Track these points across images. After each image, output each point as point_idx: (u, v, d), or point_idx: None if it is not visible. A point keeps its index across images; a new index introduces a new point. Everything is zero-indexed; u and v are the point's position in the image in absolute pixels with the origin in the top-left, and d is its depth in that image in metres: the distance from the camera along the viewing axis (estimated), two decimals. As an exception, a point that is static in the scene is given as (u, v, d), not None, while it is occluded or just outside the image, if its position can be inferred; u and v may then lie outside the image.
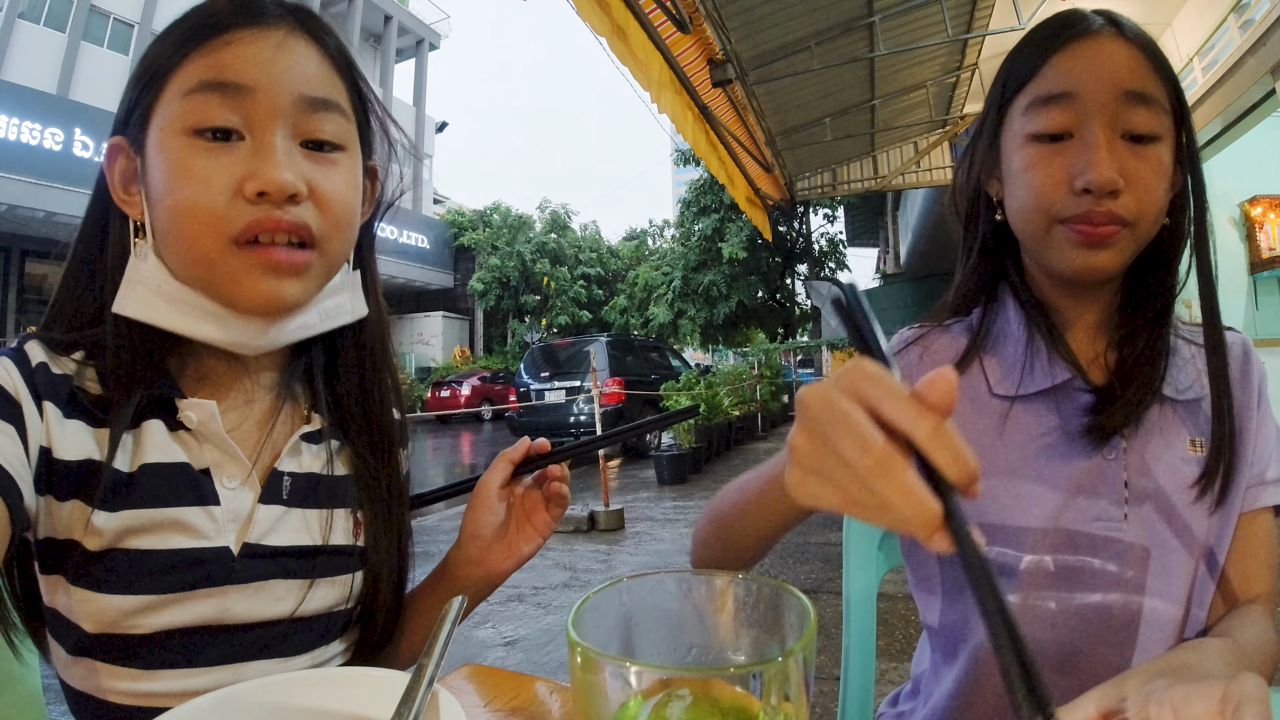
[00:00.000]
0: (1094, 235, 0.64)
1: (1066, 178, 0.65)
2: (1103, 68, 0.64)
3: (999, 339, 0.75)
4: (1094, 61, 0.65)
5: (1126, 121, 0.64)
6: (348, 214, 0.64)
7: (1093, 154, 0.63)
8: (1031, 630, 0.67)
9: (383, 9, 26.89)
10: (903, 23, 6.88)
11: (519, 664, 2.90)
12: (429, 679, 0.45)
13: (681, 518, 5.61)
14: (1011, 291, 0.76)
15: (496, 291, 26.11)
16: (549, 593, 3.82)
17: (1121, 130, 0.64)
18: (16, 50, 16.49)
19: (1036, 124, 0.67)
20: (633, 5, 4.32)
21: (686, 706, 0.31)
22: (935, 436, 0.35)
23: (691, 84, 5.73)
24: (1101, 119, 0.64)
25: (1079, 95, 0.65)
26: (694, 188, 21.51)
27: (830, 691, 2.29)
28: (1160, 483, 0.67)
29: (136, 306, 0.60)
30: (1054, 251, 0.67)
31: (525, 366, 10.65)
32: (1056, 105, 0.66)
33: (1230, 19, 6.96)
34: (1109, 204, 0.63)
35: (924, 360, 0.76)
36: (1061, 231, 0.66)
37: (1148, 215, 0.65)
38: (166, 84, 0.59)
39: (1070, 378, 0.69)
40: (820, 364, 19.32)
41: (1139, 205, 0.64)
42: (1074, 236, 0.65)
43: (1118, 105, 0.64)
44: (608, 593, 0.38)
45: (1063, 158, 0.66)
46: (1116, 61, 0.64)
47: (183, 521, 0.59)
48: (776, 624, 0.37)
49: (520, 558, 0.75)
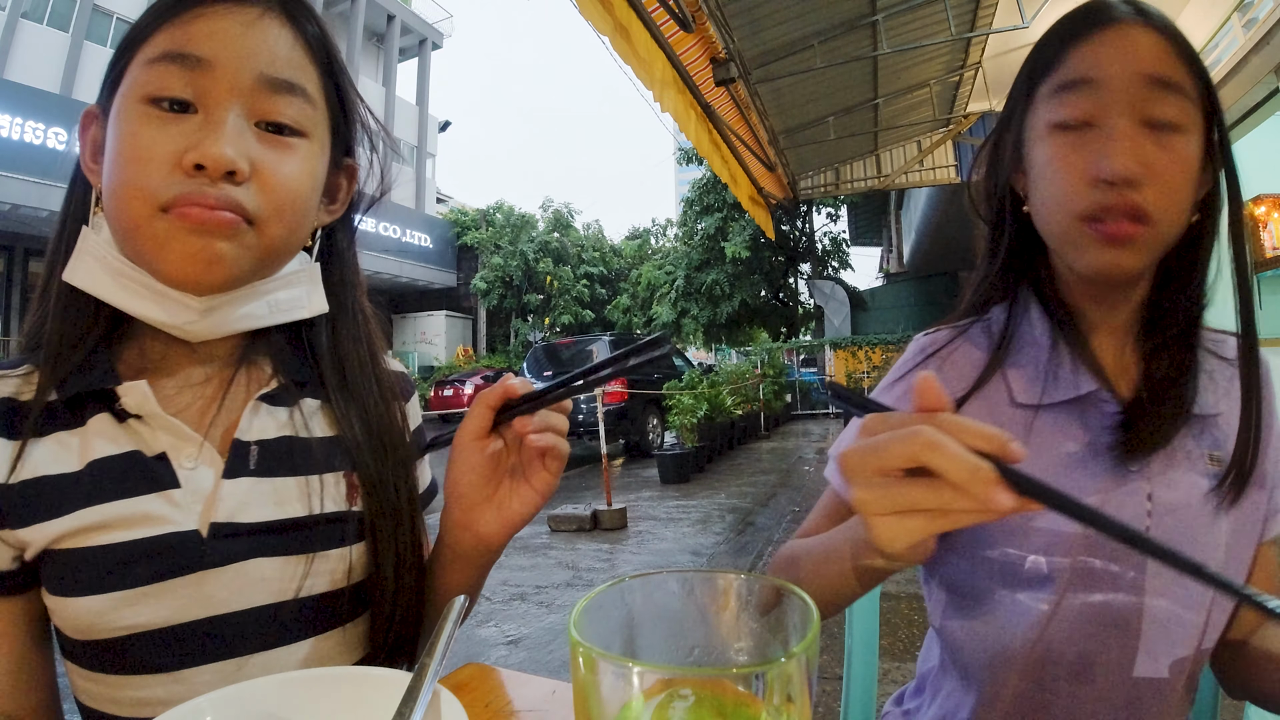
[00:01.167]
0: (1114, 233, 0.62)
1: (1087, 169, 0.63)
2: (1125, 53, 0.63)
3: (1021, 344, 0.73)
4: (1116, 47, 0.63)
5: (1150, 109, 0.62)
6: (294, 200, 0.61)
7: (1112, 143, 0.61)
8: (1050, 636, 0.67)
9: (385, 8, 26.91)
10: (906, 21, 6.87)
11: (521, 663, 2.90)
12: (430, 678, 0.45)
13: (684, 517, 5.61)
14: (1035, 294, 0.73)
15: (499, 291, 26.13)
16: (551, 591, 3.82)
17: (1144, 118, 0.62)
18: (20, 50, 16.53)
19: (1058, 112, 0.66)
20: (635, 4, 4.32)
21: (689, 707, 0.31)
22: (959, 428, 0.39)
23: (694, 83, 5.72)
24: (1122, 105, 0.62)
25: (1100, 81, 0.63)
26: (697, 186, 21.50)
27: (833, 691, 2.29)
28: (1182, 496, 0.66)
29: (83, 276, 0.59)
30: (1075, 250, 0.66)
31: (528, 366, 10.65)
32: (1077, 91, 0.64)
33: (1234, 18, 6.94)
34: (1129, 195, 0.61)
35: (945, 371, 0.74)
36: (1083, 229, 0.64)
37: (1171, 211, 0.62)
38: (136, 53, 0.58)
39: (1096, 389, 0.67)
40: (823, 363, 19.30)
41: (1161, 199, 0.61)
42: (1095, 235, 0.63)
43: (1140, 91, 0.62)
44: (610, 592, 0.38)
45: (1084, 149, 0.64)
46: (1140, 47, 0.63)
47: (142, 511, 0.57)
48: (779, 624, 0.37)
49: (511, 521, 0.63)
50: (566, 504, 5.79)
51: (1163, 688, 0.67)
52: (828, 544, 0.63)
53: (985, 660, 0.71)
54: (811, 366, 21.28)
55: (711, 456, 8.72)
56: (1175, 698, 0.69)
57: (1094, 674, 0.67)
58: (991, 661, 0.71)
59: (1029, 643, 0.67)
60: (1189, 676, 0.68)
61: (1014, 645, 0.68)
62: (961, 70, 8.48)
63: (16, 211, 15.07)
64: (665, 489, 7.01)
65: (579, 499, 6.32)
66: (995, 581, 0.69)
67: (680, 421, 8.07)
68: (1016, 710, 0.70)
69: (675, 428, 8.28)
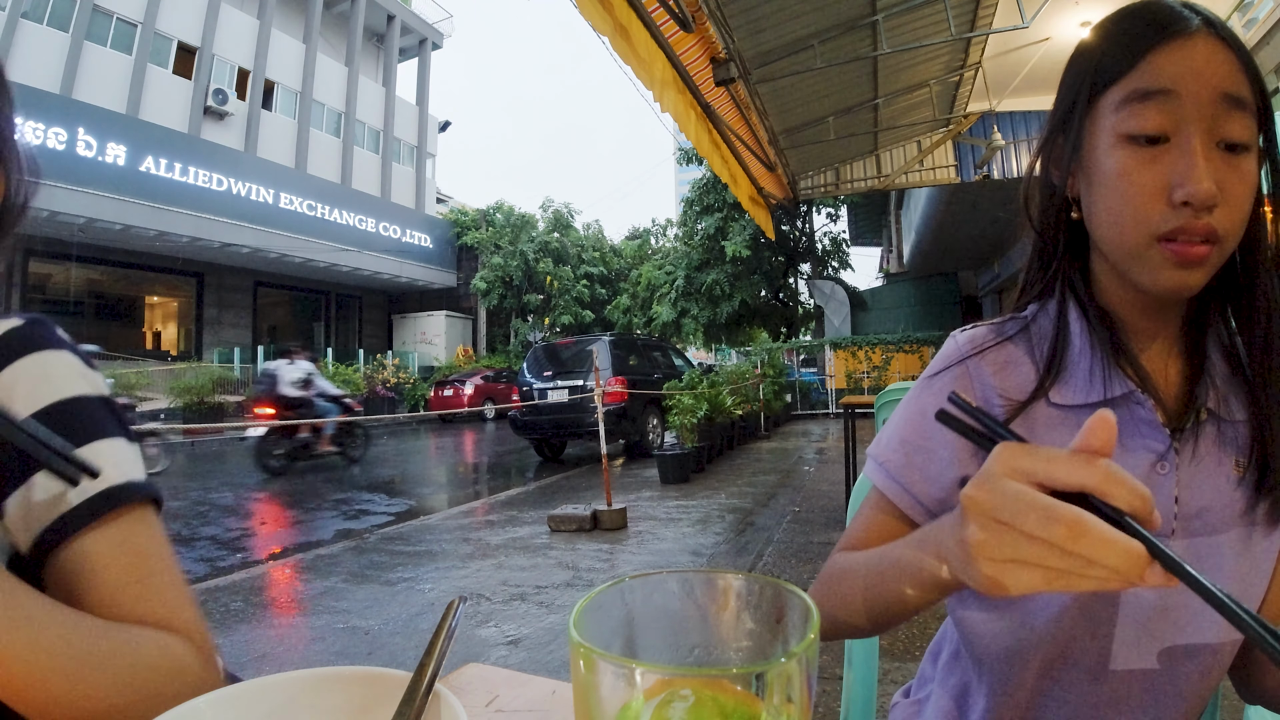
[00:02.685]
0: (1190, 255, 0.61)
1: (1164, 188, 0.61)
2: (1203, 68, 0.61)
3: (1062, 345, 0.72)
4: (1195, 61, 0.61)
5: (1223, 128, 0.61)
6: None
7: (1193, 163, 0.60)
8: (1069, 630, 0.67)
9: (385, 8, 26.91)
10: (906, 21, 6.87)
11: (521, 663, 2.90)
12: (430, 678, 0.45)
13: (684, 517, 5.61)
14: (1074, 298, 0.72)
15: (499, 291, 26.15)
16: (551, 592, 3.82)
17: (1218, 138, 0.61)
18: (20, 49, 16.52)
19: (1132, 123, 0.63)
20: (635, 4, 4.32)
21: (689, 707, 0.31)
22: (1108, 481, 0.38)
23: (694, 83, 5.72)
24: (1200, 123, 0.61)
25: (1179, 95, 0.61)
26: (697, 187, 21.53)
27: (833, 691, 2.29)
28: (1208, 500, 0.66)
29: None
30: (1143, 266, 0.64)
31: (528, 366, 10.65)
32: (1155, 103, 0.62)
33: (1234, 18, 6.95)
34: (1206, 218, 0.60)
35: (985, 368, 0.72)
36: (1156, 248, 0.62)
37: (1236, 230, 0.62)
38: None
39: (1131, 390, 0.67)
40: (823, 363, 19.32)
41: (1231, 220, 0.61)
42: (1167, 256, 0.62)
43: (1216, 109, 0.61)
44: (610, 592, 0.38)
45: (1160, 165, 0.62)
46: (1216, 62, 0.61)
47: None
48: (779, 624, 0.37)
49: None
50: (566, 504, 5.79)
51: (1181, 687, 0.67)
52: (892, 561, 0.59)
53: (1002, 652, 0.71)
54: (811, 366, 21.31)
55: (711, 456, 8.73)
56: (1194, 698, 0.69)
57: (1112, 670, 0.67)
58: (1008, 653, 0.70)
59: (1048, 636, 0.67)
60: (1209, 677, 0.68)
61: (1032, 638, 0.68)
62: (961, 70, 8.48)
63: (16, 211, 15.07)
64: (665, 489, 7.01)
65: (579, 499, 6.32)
66: None
67: (680, 421, 8.08)
68: (1032, 703, 0.70)
69: (675, 428, 8.28)
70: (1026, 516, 0.38)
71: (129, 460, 0.62)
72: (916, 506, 0.70)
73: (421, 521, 5.96)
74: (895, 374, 16.16)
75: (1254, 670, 0.69)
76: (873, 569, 0.62)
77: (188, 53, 20.29)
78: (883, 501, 0.74)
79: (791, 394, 17.13)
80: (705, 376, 10.16)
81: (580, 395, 9.33)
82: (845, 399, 5.61)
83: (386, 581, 4.12)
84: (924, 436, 0.72)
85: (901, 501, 0.71)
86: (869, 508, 0.75)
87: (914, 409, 0.74)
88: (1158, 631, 0.66)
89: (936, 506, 0.70)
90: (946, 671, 0.81)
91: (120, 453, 0.61)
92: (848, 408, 5.44)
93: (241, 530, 5.98)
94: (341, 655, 3.06)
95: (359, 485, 8.45)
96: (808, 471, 7.96)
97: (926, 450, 0.71)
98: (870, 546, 0.71)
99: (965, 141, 10.67)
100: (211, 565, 4.79)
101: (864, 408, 4.99)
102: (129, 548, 0.59)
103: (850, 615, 0.66)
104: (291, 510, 6.90)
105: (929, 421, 0.71)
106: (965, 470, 0.70)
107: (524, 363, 10.83)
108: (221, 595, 3.91)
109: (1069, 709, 0.69)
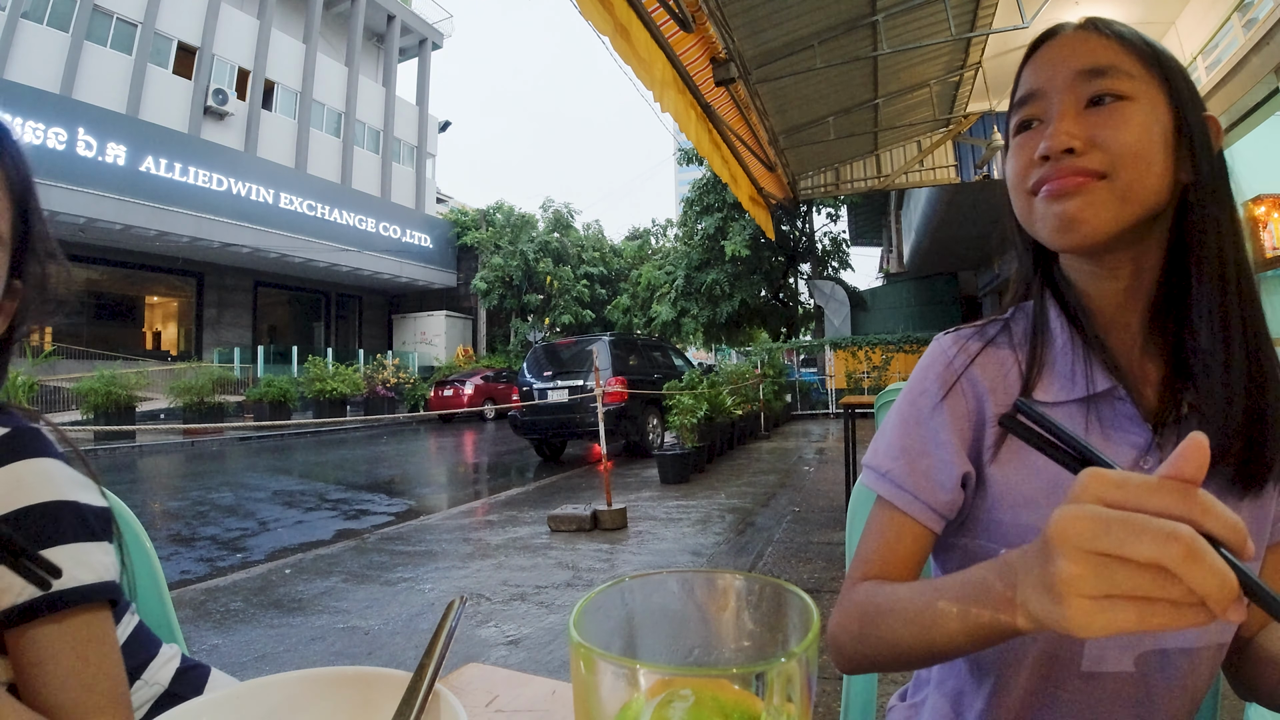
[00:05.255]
0: (1058, 187, 0.65)
1: (1032, 152, 0.68)
2: (1061, 58, 0.67)
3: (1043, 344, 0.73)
4: (1054, 55, 0.68)
5: (1087, 92, 0.65)
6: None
7: (1049, 126, 0.66)
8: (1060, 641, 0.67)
9: (385, 8, 26.92)
10: (906, 21, 6.87)
11: (521, 663, 2.90)
12: (430, 678, 0.45)
13: (684, 517, 5.61)
14: (1052, 293, 0.75)
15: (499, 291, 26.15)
16: (551, 592, 3.82)
17: (1085, 99, 0.66)
18: (20, 49, 16.53)
19: (1015, 123, 0.71)
20: (635, 4, 4.32)
21: (689, 707, 0.31)
22: (1205, 512, 0.36)
23: (694, 83, 5.73)
24: (1060, 97, 0.66)
25: (1041, 88, 0.68)
26: (697, 187, 21.51)
27: (833, 691, 2.29)
28: None
29: None
30: (1038, 222, 0.68)
31: (528, 366, 10.65)
32: (1028, 105, 0.69)
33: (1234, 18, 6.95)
34: (1069, 160, 0.64)
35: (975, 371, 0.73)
36: (1034, 200, 0.68)
37: (1123, 162, 0.63)
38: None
39: (1112, 386, 0.68)
40: (823, 363, 19.32)
41: (1108, 154, 0.64)
42: (1046, 198, 0.66)
43: (1075, 83, 0.66)
44: (610, 592, 0.38)
45: (1032, 141, 0.68)
46: (1074, 48, 0.67)
47: None
48: (780, 624, 0.37)
49: None
50: (566, 504, 5.79)
51: (1173, 686, 0.68)
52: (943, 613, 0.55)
53: (996, 653, 0.71)
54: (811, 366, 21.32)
55: (711, 456, 8.73)
56: (1187, 697, 0.69)
57: (1103, 670, 0.67)
58: (1000, 655, 0.71)
59: (1040, 637, 0.67)
60: (1201, 676, 0.69)
61: (1024, 639, 0.68)
62: (961, 70, 8.48)
63: (16, 211, 15.06)
64: (665, 489, 7.01)
65: (579, 499, 6.32)
66: None
67: (680, 421, 8.08)
68: (1026, 704, 0.70)
69: (675, 428, 8.28)
70: (1139, 539, 0.36)
71: (89, 564, 0.67)
72: (928, 512, 0.70)
73: (421, 521, 5.96)
74: (895, 374, 16.14)
75: (1248, 669, 0.69)
76: (920, 617, 0.58)
77: (188, 53, 20.29)
78: (894, 514, 0.72)
79: (791, 394, 17.12)
80: (705, 376, 10.15)
81: (580, 395, 9.33)
82: (845, 399, 5.61)
83: (386, 581, 4.12)
84: (923, 441, 0.72)
85: (913, 510, 0.70)
86: (880, 523, 0.73)
87: (909, 416, 0.74)
88: (1144, 635, 0.66)
89: (947, 510, 0.70)
90: (942, 675, 0.81)
91: (81, 556, 0.67)
92: (848, 408, 5.43)
93: (241, 530, 5.98)
94: (341, 655, 3.06)
95: (359, 485, 8.45)
96: (808, 471, 7.95)
97: (928, 455, 0.71)
98: (894, 565, 0.71)
99: (965, 141, 10.68)
100: (211, 565, 4.79)
101: (864, 408, 4.99)
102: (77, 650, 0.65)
103: (897, 661, 0.62)
104: (291, 510, 6.90)
105: (927, 427, 0.72)
106: (965, 469, 0.70)
107: (524, 363, 10.82)
108: (221, 595, 3.91)
109: (1063, 709, 0.69)
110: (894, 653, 0.62)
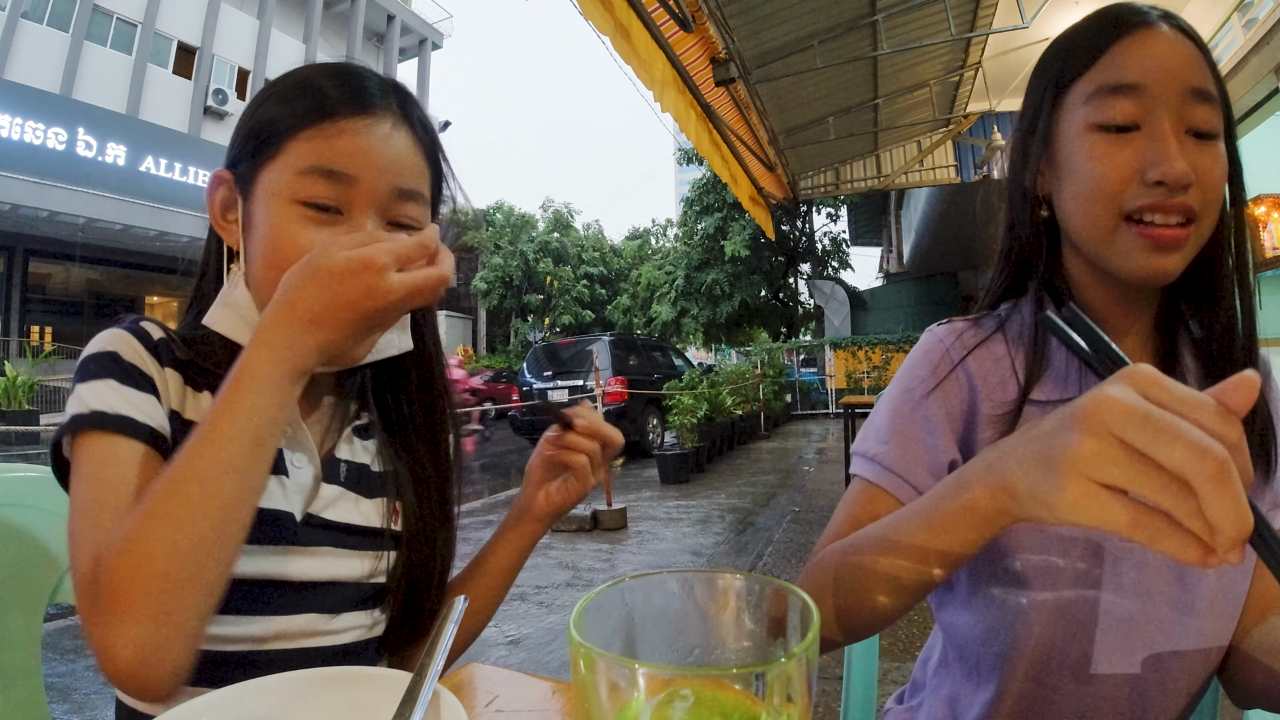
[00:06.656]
0: (1167, 238, 0.62)
1: (1137, 169, 0.62)
2: (1169, 62, 0.62)
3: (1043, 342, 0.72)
4: (1159, 55, 0.63)
5: (1191, 118, 0.62)
6: None
7: (1166, 144, 0.61)
8: (1053, 634, 0.67)
9: (385, 8, 26.90)
10: (906, 21, 6.87)
11: (521, 663, 2.90)
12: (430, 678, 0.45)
13: (684, 517, 5.61)
14: (1050, 295, 0.73)
15: (499, 291, 26.16)
16: (551, 591, 3.82)
17: (1186, 126, 0.62)
18: (20, 50, 16.53)
19: (1103, 114, 0.64)
20: (635, 4, 4.32)
21: (689, 707, 0.31)
22: (1239, 447, 0.35)
23: (694, 83, 5.72)
24: (1170, 113, 0.62)
25: (1147, 87, 0.62)
26: (697, 187, 21.52)
27: (833, 691, 2.29)
28: None
29: (225, 325, 0.71)
30: (1118, 252, 0.64)
31: (528, 366, 10.65)
32: (1124, 95, 0.63)
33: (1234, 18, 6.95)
34: (1181, 197, 0.61)
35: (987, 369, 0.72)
36: (1129, 232, 0.63)
37: (1210, 213, 0.63)
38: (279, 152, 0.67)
39: None
40: (823, 363, 19.30)
41: (1204, 200, 0.62)
42: (1143, 240, 0.62)
43: (1183, 101, 0.62)
44: (610, 592, 0.38)
45: (1131, 149, 0.63)
46: (1181, 57, 0.63)
47: None
48: (779, 624, 0.37)
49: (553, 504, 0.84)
50: (566, 504, 5.78)
51: (1167, 689, 0.67)
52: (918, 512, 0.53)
53: (990, 657, 0.71)
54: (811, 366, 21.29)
55: (711, 456, 8.72)
56: (1181, 699, 0.69)
57: (1097, 673, 0.67)
58: (996, 658, 0.71)
59: (1030, 640, 0.67)
60: (1194, 680, 0.69)
61: (1017, 642, 0.68)
62: (961, 70, 8.48)
63: (16, 211, 15.05)
64: (665, 489, 7.01)
65: (579, 499, 6.31)
66: (999, 578, 0.69)
67: (680, 421, 8.08)
68: (1021, 708, 0.70)
69: (675, 428, 8.28)
70: (1173, 444, 0.34)
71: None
72: (913, 494, 0.69)
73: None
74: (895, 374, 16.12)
75: (1240, 671, 0.69)
76: (886, 534, 0.56)
77: (188, 53, 20.29)
78: (876, 494, 0.70)
79: (791, 394, 17.11)
80: (705, 376, 10.15)
81: (580, 395, 9.32)
82: (845, 399, 5.61)
83: (386, 581, 4.12)
84: (914, 427, 0.71)
85: (901, 492, 0.69)
86: (856, 502, 0.71)
87: (900, 403, 0.73)
88: (1136, 637, 0.66)
89: None
90: (938, 678, 0.81)
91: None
92: (848, 408, 5.44)
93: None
94: (341, 655, 3.06)
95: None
96: (807, 471, 7.95)
97: (919, 440, 0.70)
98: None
99: (965, 141, 10.67)
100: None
101: (864, 408, 4.99)
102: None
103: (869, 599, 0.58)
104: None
105: (918, 413, 0.71)
106: (953, 456, 0.70)
107: (524, 363, 10.83)
108: (221, 595, 3.91)
109: (1058, 713, 0.69)
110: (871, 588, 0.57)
